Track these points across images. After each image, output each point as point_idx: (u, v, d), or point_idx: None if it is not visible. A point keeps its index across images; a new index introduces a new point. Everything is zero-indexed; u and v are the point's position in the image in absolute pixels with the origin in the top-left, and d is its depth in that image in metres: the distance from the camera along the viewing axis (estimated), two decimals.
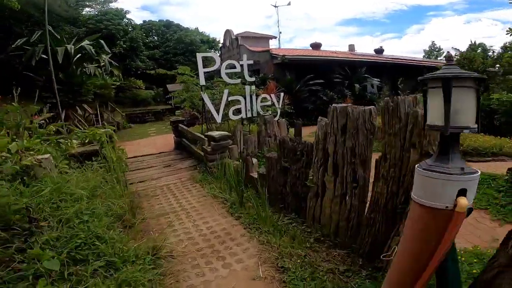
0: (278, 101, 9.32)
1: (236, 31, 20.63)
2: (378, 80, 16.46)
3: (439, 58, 34.94)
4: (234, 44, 19.18)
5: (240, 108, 8.21)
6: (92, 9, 26.13)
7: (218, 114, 7.68)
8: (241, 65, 8.15)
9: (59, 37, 11.61)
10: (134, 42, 25.41)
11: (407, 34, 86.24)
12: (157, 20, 33.77)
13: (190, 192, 5.98)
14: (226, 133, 6.36)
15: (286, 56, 14.49)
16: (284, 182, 4.48)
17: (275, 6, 23.27)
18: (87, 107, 11.96)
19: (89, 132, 5.54)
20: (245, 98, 8.24)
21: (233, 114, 8.06)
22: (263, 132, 8.27)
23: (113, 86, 14.90)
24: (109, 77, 15.67)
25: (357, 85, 15.80)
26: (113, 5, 26.34)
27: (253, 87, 8.52)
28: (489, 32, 71.62)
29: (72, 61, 11.65)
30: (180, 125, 9.17)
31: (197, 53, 7.50)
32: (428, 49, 40.59)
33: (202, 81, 7.33)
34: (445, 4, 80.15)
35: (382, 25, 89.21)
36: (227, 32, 20.17)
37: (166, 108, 21.74)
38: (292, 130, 9.62)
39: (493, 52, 35.96)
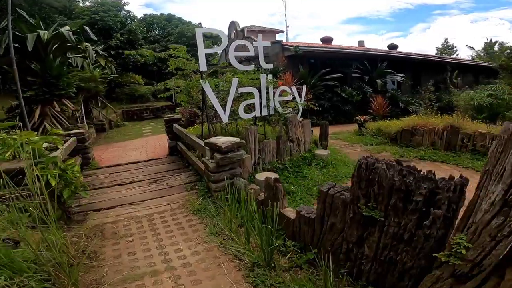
0: (299, 96, 7.06)
1: (240, 25, 18.35)
2: (403, 75, 14.13)
3: (452, 56, 32.49)
4: (239, 36, 16.84)
5: (254, 103, 5.95)
6: (90, 1, 23.89)
7: (225, 112, 5.42)
8: (255, 47, 5.87)
9: (34, 23, 9.32)
10: (132, 34, 23.09)
11: (412, 33, 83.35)
12: (159, 14, 31.45)
13: (183, 233, 3.72)
14: (237, 140, 4.12)
15: (300, 47, 12.17)
16: (361, 239, 2.27)
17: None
18: (68, 102, 9.68)
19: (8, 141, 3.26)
20: (259, 91, 5.98)
21: (244, 111, 5.79)
22: (284, 136, 5.99)
23: (102, 80, 12.59)
24: (100, 69, 13.39)
25: (379, 81, 13.48)
26: None
27: (271, 76, 6.25)
28: (496, 31, 68.86)
29: (50, 50, 9.36)
30: (175, 125, 6.90)
31: (196, 28, 5.22)
32: (441, 46, 38.28)
33: (202, 66, 5.06)
34: (451, 3, 77.12)
35: (387, 24, 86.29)
36: (232, 24, 17.84)
37: (166, 105, 19.45)
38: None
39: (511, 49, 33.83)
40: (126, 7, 24.80)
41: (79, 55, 11.00)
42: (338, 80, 13.19)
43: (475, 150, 7.09)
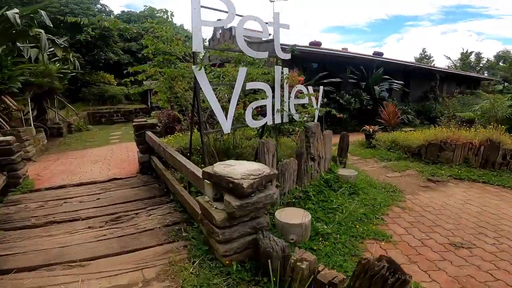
0: (315, 98, 5.33)
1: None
2: (400, 82, 12.93)
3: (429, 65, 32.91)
4: (226, 35, 14.98)
5: (265, 106, 4.12)
6: None
7: (227, 117, 3.51)
8: (272, 26, 4.07)
9: None
10: (107, 30, 20.45)
11: (387, 43, 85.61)
12: (138, 12, 28.79)
13: None
14: (264, 169, 2.17)
15: (297, 47, 10.52)
16: None
17: (271, 1, 19.17)
18: (8, 100, 7.27)
19: None
20: (273, 89, 4.16)
21: (253, 117, 3.93)
22: (304, 155, 4.19)
23: (60, 75, 10.16)
24: (60, 64, 10.94)
25: (377, 88, 12.16)
26: None
27: (286, 70, 4.47)
28: (465, 42, 72.14)
29: None
30: (149, 133, 4.85)
31: None
32: (418, 56, 38.85)
33: (197, 45, 3.15)
34: (423, 15, 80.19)
35: (364, 34, 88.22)
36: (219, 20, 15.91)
37: (140, 108, 17.06)
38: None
39: (487, 59, 34.74)
40: (102, 1, 22.16)
41: (33, 45, 8.59)
42: (334, 85, 11.71)
43: None
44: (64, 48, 10.35)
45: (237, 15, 3.53)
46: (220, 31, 15.48)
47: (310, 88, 5.04)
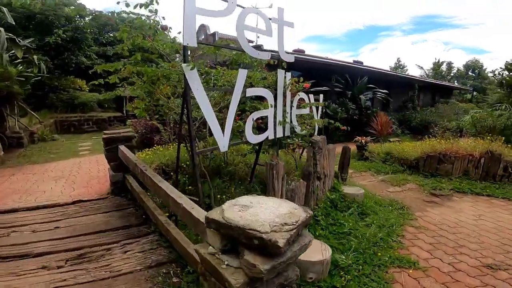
0: (317, 113, 4.80)
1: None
2: (385, 92, 12.84)
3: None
4: (210, 41, 14.31)
5: (266, 117, 3.47)
6: None
7: (224, 131, 2.81)
8: (276, 23, 3.45)
9: None
10: (79, 32, 19.04)
11: (362, 53, 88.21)
12: (115, 14, 27.35)
13: None
14: (297, 211, 1.40)
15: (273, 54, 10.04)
16: None
17: (255, 8, 18.74)
18: None
19: None
20: (275, 97, 3.54)
21: (253, 131, 3.25)
22: (312, 174, 3.58)
23: (21, 79, 8.98)
24: (23, 67, 9.76)
25: (363, 97, 11.95)
26: None
27: (289, 75, 3.89)
28: (433, 52, 75.58)
29: None
30: (122, 147, 4.01)
31: None
32: (393, 65, 40.09)
33: (189, 38, 2.46)
34: (395, 25, 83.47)
35: (341, 43, 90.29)
36: (202, 27, 15.20)
37: (115, 116, 15.84)
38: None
39: (458, 69, 36.20)
40: (79, 1, 20.63)
41: None
42: (319, 94, 11.33)
43: None
44: (26, 49, 9.23)
45: (238, 5, 2.90)
46: (203, 36, 14.79)
47: (311, 96, 4.48)
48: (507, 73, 8.72)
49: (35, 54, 10.09)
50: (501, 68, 11.39)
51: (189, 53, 2.61)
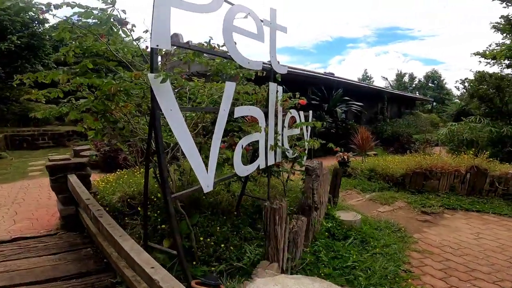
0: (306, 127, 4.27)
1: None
2: (360, 104, 12.83)
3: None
4: (181, 51, 13.54)
5: (257, 142, 2.85)
6: None
7: (207, 166, 2.13)
8: (268, 27, 2.89)
9: None
10: (36, 39, 17.30)
11: (331, 64, 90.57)
12: (91, 21, 25.47)
13: None
14: None
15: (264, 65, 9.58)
16: None
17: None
18: None
19: None
20: (266, 115, 2.95)
21: (243, 161, 2.61)
22: (312, 207, 3.01)
23: None
24: None
25: (339, 110, 11.82)
26: None
27: (281, 89, 3.32)
28: (395, 63, 79.29)
29: None
30: (72, 178, 3.16)
31: None
32: (361, 77, 41.30)
33: (159, 37, 1.80)
34: (360, 37, 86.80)
35: (311, 55, 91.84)
36: (175, 36, 14.38)
37: (74, 130, 14.33)
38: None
39: (419, 80, 37.85)
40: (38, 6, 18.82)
41: None
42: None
43: (508, 194, 5.45)
44: None
45: (226, 1, 2.31)
46: (174, 47, 14.01)
47: (302, 113, 3.95)
48: (477, 84, 8.97)
49: None
50: (461, 80, 11.92)
51: (159, 59, 1.95)
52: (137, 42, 2.50)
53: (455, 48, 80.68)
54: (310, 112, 4.51)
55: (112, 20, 2.14)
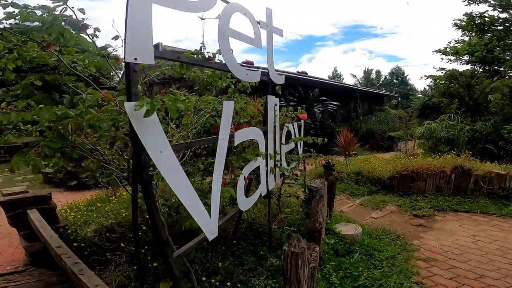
0: (299, 129, 3.97)
1: None
2: (336, 103, 12.87)
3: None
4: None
5: (258, 168, 2.46)
6: None
7: (210, 211, 1.70)
8: (265, 27, 2.50)
9: None
10: None
11: (301, 63, 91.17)
12: (32, 24, 23.18)
13: None
14: None
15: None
16: None
17: (202, 19, 17.61)
18: None
19: None
20: (265, 135, 2.57)
21: (245, 194, 2.24)
22: (320, 232, 2.71)
23: None
24: None
25: (317, 110, 11.76)
26: None
27: (277, 101, 2.95)
28: (361, 60, 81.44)
29: None
30: (33, 214, 2.58)
31: None
32: (331, 75, 41.93)
33: (137, 49, 1.32)
34: (328, 35, 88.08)
35: (281, 54, 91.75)
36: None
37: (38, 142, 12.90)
38: None
39: (385, 77, 39.08)
40: None
41: None
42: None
43: (493, 193, 5.55)
44: None
45: None
46: None
47: (296, 125, 3.62)
48: (446, 82, 9.27)
49: None
50: (425, 76, 12.31)
51: (139, 85, 1.43)
52: (103, 53, 1.96)
53: (414, 44, 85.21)
54: (302, 121, 4.20)
55: (63, 23, 1.60)
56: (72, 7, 1.64)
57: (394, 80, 38.10)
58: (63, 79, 2.01)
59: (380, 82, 39.14)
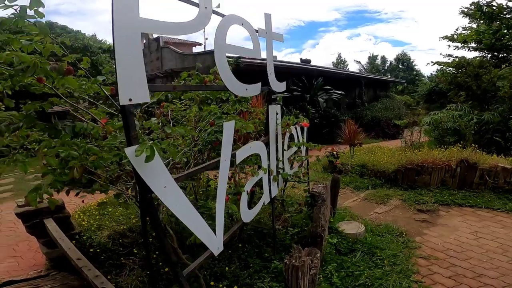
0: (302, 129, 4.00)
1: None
2: (341, 92, 12.76)
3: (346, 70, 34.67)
4: (152, 46, 12.72)
5: (260, 179, 2.54)
6: None
7: (215, 229, 1.80)
8: (264, 34, 2.52)
9: None
10: None
11: (305, 49, 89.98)
12: (32, 21, 23.10)
13: None
14: None
15: (242, 59, 9.14)
16: None
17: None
18: None
19: None
20: (267, 146, 2.63)
21: (248, 206, 2.33)
22: (322, 235, 2.81)
23: None
24: None
25: (321, 99, 11.68)
26: None
27: (279, 108, 2.98)
28: (366, 45, 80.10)
29: None
30: (50, 225, 2.75)
31: None
32: (335, 61, 41.23)
33: (131, 87, 1.34)
34: (331, 21, 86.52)
35: (285, 41, 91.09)
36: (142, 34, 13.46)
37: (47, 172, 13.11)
38: None
39: (390, 62, 38.38)
40: None
41: None
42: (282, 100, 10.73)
43: (498, 187, 5.55)
44: None
45: (215, 12, 1.91)
46: (145, 41, 13.07)
47: (298, 127, 3.64)
48: (453, 70, 9.08)
49: None
50: (431, 62, 11.96)
51: (136, 121, 1.44)
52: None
53: (420, 29, 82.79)
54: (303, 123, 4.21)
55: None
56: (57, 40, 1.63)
57: (400, 66, 37.33)
58: (62, 104, 2.03)
59: (386, 68, 38.38)
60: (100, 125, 1.83)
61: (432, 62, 11.02)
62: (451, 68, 9.36)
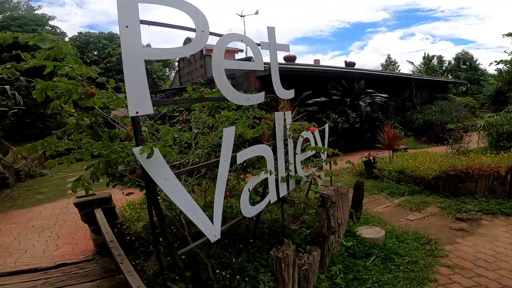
0: (322, 143, 4.13)
1: None
2: (385, 95, 12.24)
3: (396, 71, 32.64)
4: (197, 55, 13.75)
5: (266, 179, 2.80)
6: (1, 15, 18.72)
7: (212, 218, 2.14)
8: (267, 46, 2.81)
9: None
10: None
11: (352, 51, 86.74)
12: (97, 32, 26.81)
13: None
14: None
15: (279, 65, 9.41)
16: None
17: (241, 16, 18.26)
18: None
19: None
20: (274, 150, 2.88)
21: (251, 203, 2.61)
22: (327, 236, 2.95)
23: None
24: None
25: (362, 104, 11.36)
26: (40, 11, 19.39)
27: (289, 116, 3.21)
28: (421, 45, 74.49)
29: None
30: (98, 213, 3.39)
31: None
32: (385, 62, 39.27)
33: (137, 102, 1.74)
34: (380, 21, 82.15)
35: (329, 43, 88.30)
36: (188, 40, 14.66)
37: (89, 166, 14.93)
38: None
39: (449, 62, 35.37)
40: (51, 22, 20.07)
41: None
42: (318, 104, 10.74)
43: None
44: None
45: (212, 34, 2.24)
46: None
47: (317, 132, 3.80)
48: None
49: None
50: (495, 61, 10.70)
51: (144, 127, 1.89)
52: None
53: (484, 26, 73.67)
54: (327, 126, 4.33)
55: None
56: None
57: (461, 66, 33.85)
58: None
59: (443, 68, 35.12)
60: (125, 131, 2.31)
61: (495, 61, 9.98)
62: (510, 66, 8.37)
